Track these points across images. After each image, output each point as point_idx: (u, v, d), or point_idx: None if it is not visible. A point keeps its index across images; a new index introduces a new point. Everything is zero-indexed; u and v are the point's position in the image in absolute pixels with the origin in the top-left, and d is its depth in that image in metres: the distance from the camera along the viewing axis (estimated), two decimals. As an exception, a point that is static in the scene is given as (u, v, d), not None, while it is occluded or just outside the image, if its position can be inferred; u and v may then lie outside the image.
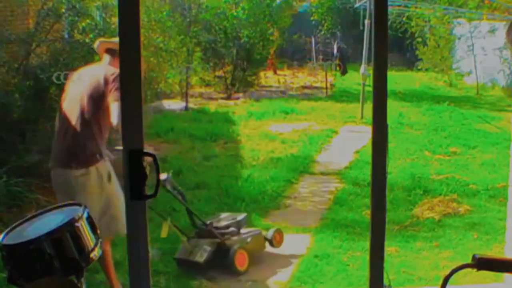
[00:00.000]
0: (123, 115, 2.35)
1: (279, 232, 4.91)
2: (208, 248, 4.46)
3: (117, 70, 3.69)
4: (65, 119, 3.80)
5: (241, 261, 4.56)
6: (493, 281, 3.91)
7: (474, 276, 3.04)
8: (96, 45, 4.08)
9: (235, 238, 4.62)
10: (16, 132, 5.62)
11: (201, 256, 4.42)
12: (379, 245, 2.62)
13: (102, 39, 4.24)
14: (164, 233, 4.39)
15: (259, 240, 4.79)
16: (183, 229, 4.70)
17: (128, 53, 2.30)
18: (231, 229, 4.65)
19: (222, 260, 4.48)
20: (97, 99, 3.74)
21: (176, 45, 8.25)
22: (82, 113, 3.74)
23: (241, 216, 4.81)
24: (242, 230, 4.74)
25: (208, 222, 4.65)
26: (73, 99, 3.82)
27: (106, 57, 3.93)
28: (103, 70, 3.84)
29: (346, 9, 15.36)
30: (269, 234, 4.83)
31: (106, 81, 3.75)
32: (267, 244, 4.83)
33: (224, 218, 4.78)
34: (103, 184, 3.78)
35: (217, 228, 4.61)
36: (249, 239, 4.68)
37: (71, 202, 2.45)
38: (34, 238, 2.15)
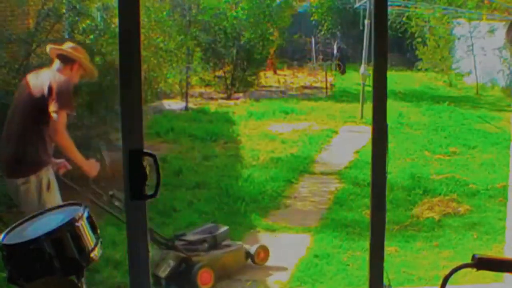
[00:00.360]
0: (123, 115, 2.34)
1: (264, 248, 4.69)
2: (172, 263, 4.21)
3: (64, 79, 3.62)
4: (8, 126, 3.69)
5: (205, 279, 4.29)
6: (493, 281, 3.91)
7: (474, 276, 3.04)
8: (48, 49, 3.90)
9: (204, 254, 4.37)
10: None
11: (164, 271, 4.17)
12: (379, 245, 2.62)
13: (52, 45, 3.93)
14: None
15: (237, 256, 4.56)
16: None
17: (128, 53, 2.30)
18: (204, 244, 4.41)
19: (185, 276, 4.23)
20: (40, 106, 3.57)
21: (176, 45, 8.25)
22: (23, 120, 3.60)
23: (221, 229, 4.56)
24: (225, 242, 4.55)
25: (178, 234, 4.45)
26: (17, 105, 3.71)
27: (56, 63, 3.73)
28: (49, 77, 3.66)
29: (346, 9, 15.36)
30: (252, 249, 4.62)
31: (49, 90, 3.56)
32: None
33: (203, 231, 4.55)
34: (42, 193, 3.59)
35: (189, 242, 4.40)
36: (222, 255, 4.45)
37: (71, 202, 2.45)
38: (34, 238, 2.16)
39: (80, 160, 3.85)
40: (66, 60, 3.71)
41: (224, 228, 4.60)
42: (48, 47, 3.92)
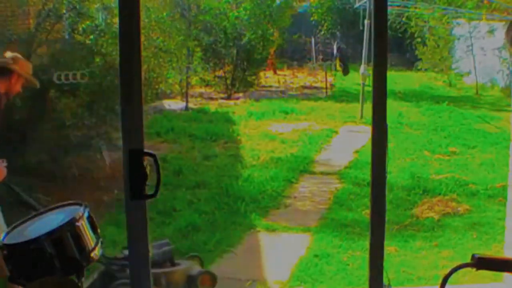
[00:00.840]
0: (123, 115, 2.36)
1: (210, 275, 4.15)
2: (96, 275, 3.89)
3: None
4: None
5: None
6: (492, 281, 3.90)
7: (474, 275, 3.05)
8: None
9: (123, 273, 3.81)
10: (17, 132, 5.62)
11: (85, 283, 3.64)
12: (379, 245, 2.63)
13: None
14: None
15: (176, 277, 4.07)
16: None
17: (129, 54, 2.31)
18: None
19: None
20: None
21: (176, 45, 8.25)
22: None
23: (165, 248, 4.12)
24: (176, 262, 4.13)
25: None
26: None
27: None
28: None
29: (345, 9, 15.36)
30: (195, 273, 4.09)
31: None
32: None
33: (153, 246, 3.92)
34: None
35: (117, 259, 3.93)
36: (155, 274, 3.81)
37: (71, 201, 2.46)
38: (35, 238, 2.18)
39: None
40: (3, 71, 3.55)
41: (167, 248, 4.15)
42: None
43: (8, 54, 3.71)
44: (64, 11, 6.08)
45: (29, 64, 3.77)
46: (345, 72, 13.31)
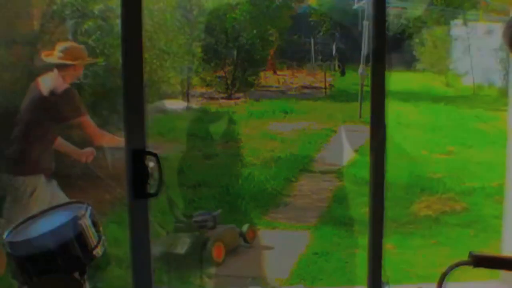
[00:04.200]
0: (126, 116, 2.38)
1: (252, 228, 5.18)
2: (187, 240, 4.67)
3: (65, 90, 3.72)
4: (16, 123, 3.83)
5: (218, 252, 4.78)
6: (490, 278, 3.92)
7: (471, 273, 3.10)
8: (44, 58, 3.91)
9: (212, 231, 4.84)
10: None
11: (181, 248, 4.62)
12: (377, 243, 2.66)
13: (44, 54, 3.95)
14: None
15: (233, 235, 5.03)
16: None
17: (131, 55, 2.34)
18: (209, 223, 4.88)
19: (200, 252, 4.68)
20: (46, 113, 3.73)
21: (178, 47, 8.29)
22: (28, 122, 3.79)
23: (216, 212, 5.03)
24: (219, 225, 4.95)
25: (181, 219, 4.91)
26: (26, 107, 3.84)
27: (55, 69, 3.79)
28: (53, 85, 3.74)
29: (344, 10, 15.38)
30: (244, 229, 5.11)
31: (59, 101, 3.72)
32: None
33: (200, 214, 5.01)
34: (23, 198, 3.62)
35: (196, 222, 4.87)
36: (224, 233, 4.94)
37: (74, 200, 2.47)
38: (38, 236, 2.19)
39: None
40: (61, 66, 3.74)
41: (218, 211, 5.06)
42: (43, 55, 3.93)
43: (60, 46, 3.86)
44: (68, 12, 6.10)
45: (81, 47, 3.96)
46: (342, 73, 13.35)
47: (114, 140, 4.03)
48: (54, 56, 3.81)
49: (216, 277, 4.65)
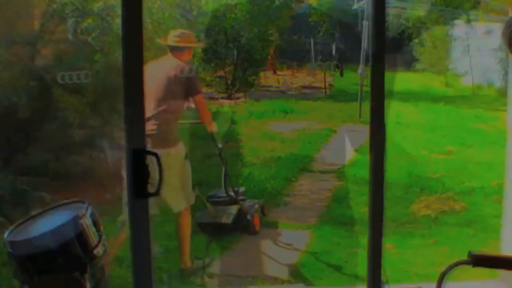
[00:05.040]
0: (126, 115, 2.40)
1: (266, 204, 5.82)
2: (232, 212, 5.26)
3: (188, 68, 4.49)
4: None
5: (256, 222, 5.39)
6: (489, 277, 3.94)
7: (471, 272, 3.10)
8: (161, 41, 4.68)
9: (248, 204, 5.45)
10: (22, 131, 5.67)
11: (227, 218, 5.23)
12: (377, 242, 2.68)
13: (162, 38, 4.79)
14: None
15: (258, 208, 5.60)
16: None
17: (131, 54, 2.36)
18: (239, 197, 5.42)
19: (241, 222, 5.29)
20: (174, 92, 4.35)
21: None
22: (164, 101, 4.33)
23: (242, 188, 5.61)
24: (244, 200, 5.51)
25: (213, 194, 5.50)
26: (155, 87, 4.33)
27: (170, 53, 4.48)
28: (175, 66, 4.43)
29: (344, 11, 15.38)
30: (261, 203, 5.70)
31: (183, 80, 4.38)
32: None
33: (224, 191, 5.43)
34: (182, 163, 4.41)
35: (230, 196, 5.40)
36: (254, 205, 5.51)
37: (74, 200, 2.48)
38: (39, 235, 2.21)
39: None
40: (177, 49, 4.41)
41: (241, 189, 5.61)
42: (158, 40, 4.85)
43: (174, 32, 4.56)
44: (68, 11, 6.11)
45: (191, 33, 4.79)
46: (341, 74, 13.37)
47: (211, 122, 4.83)
48: (170, 41, 4.48)
49: (216, 276, 4.65)
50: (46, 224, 2.27)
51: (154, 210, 3.45)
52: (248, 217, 5.34)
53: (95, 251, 2.26)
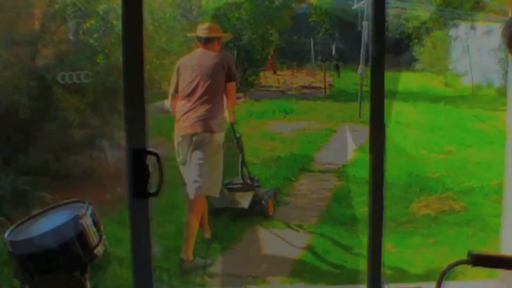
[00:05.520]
0: (127, 115, 2.40)
1: (278, 191, 6.25)
2: (248, 197, 5.59)
3: (230, 57, 5.19)
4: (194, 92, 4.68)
5: (270, 207, 5.75)
6: (488, 277, 3.97)
7: (470, 271, 3.11)
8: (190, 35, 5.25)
9: (262, 191, 5.82)
10: (23, 131, 5.68)
11: (244, 203, 5.58)
12: (377, 242, 2.68)
13: (192, 32, 5.13)
14: None
15: (272, 195, 5.97)
16: None
17: (132, 54, 2.36)
18: (254, 183, 5.77)
19: (257, 207, 5.64)
20: (219, 79, 4.69)
21: (178, 46, 8.30)
22: (210, 89, 4.65)
23: (256, 177, 5.98)
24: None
25: (228, 182, 5.71)
26: (199, 77, 4.70)
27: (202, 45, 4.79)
28: (218, 56, 4.79)
29: (344, 11, 15.40)
30: (276, 189, 6.19)
31: (225, 67, 4.70)
32: None
33: (238, 179, 5.75)
34: (220, 150, 4.69)
35: (245, 183, 5.72)
36: (270, 193, 5.88)
37: (75, 199, 2.48)
38: (39, 235, 2.20)
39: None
40: (208, 40, 4.72)
41: (256, 177, 5.97)
42: (188, 34, 5.52)
43: (202, 25, 4.85)
44: (69, 12, 6.13)
45: (217, 25, 5.15)
46: (338, 74, 13.39)
47: (233, 112, 5.05)
48: (199, 33, 4.77)
49: (216, 276, 4.66)
50: (47, 224, 2.27)
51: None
52: (263, 202, 5.65)
53: (95, 251, 2.26)
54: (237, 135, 5.58)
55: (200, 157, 4.58)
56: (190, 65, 4.72)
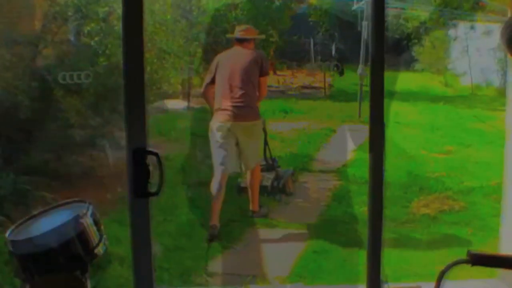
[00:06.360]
0: (127, 115, 2.41)
1: (295, 171, 6.87)
2: (270, 176, 6.14)
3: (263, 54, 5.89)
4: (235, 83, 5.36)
5: (290, 185, 6.35)
6: (488, 276, 3.98)
7: (470, 271, 3.12)
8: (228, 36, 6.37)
9: (281, 171, 6.39)
10: (23, 131, 5.69)
11: (267, 181, 6.08)
12: (376, 241, 2.69)
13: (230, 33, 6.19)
14: None
15: (291, 174, 6.58)
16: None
17: (132, 55, 2.38)
18: (275, 164, 6.31)
19: (278, 185, 6.19)
20: (255, 73, 5.41)
21: (178, 47, 8.33)
22: (248, 82, 5.36)
23: (275, 159, 6.41)
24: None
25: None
26: (235, 71, 5.39)
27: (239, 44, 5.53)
28: (254, 54, 5.54)
29: (344, 11, 15.40)
30: (291, 171, 6.69)
31: (260, 62, 5.45)
32: None
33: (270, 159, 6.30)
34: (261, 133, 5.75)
35: (268, 163, 6.25)
36: (289, 173, 6.49)
37: (75, 199, 2.50)
38: (40, 234, 2.22)
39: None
40: (244, 40, 5.46)
41: (276, 161, 6.42)
42: (228, 35, 6.60)
43: (239, 28, 5.66)
44: (70, 13, 6.14)
45: (252, 27, 5.83)
46: (341, 73, 13.37)
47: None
48: (237, 34, 5.53)
49: (216, 275, 4.67)
50: (47, 223, 2.28)
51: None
52: (283, 181, 6.24)
53: (96, 250, 2.27)
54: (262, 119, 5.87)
55: (247, 140, 5.42)
56: (229, 60, 5.39)
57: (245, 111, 5.31)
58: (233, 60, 5.37)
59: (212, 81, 5.43)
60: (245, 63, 5.33)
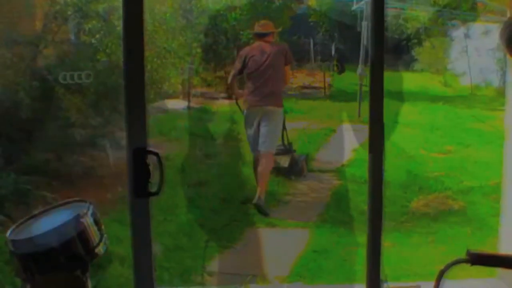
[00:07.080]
0: (127, 115, 2.41)
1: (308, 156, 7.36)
2: (288, 158, 6.71)
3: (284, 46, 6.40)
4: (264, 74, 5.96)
5: (304, 168, 6.94)
6: (487, 276, 3.98)
7: (469, 270, 3.13)
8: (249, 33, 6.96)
9: (296, 155, 6.91)
10: (24, 131, 5.69)
11: (284, 163, 6.66)
12: (376, 241, 2.69)
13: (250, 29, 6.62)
14: None
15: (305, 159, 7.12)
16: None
17: (132, 54, 2.38)
18: (291, 147, 6.79)
19: (294, 167, 6.77)
20: (282, 63, 6.04)
21: (179, 46, 8.34)
22: (276, 72, 5.96)
23: (291, 144, 6.86)
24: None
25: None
26: (266, 64, 5.98)
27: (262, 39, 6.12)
28: (278, 46, 6.27)
29: (343, 11, 15.39)
30: (305, 156, 7.27)
31: (286, 53, 6.11)
32: None
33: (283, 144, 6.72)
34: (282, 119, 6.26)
35: (284, 147, 6.72)
36: (303, 157, 7.06)
37: (76, 199, 2.48)
38: (40, 234, 2.19)
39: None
40: (263, 35, 6.05)
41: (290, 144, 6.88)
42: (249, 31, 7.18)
43: (258, 24, 6.24)
44: (70, 12, 6.15)
45: (270, 22, 6.46)
46: (341, 71, 13.35)
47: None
48: (256, 29, 6.14)
49: (216, 274, 4.68)
50: (48, 223, 2.26)
51: None
52: (299, 163, 6.85)
53: (96, 250, 2.25)
54: None
55: (266, 124, 5.90)
56: (256, 53, 5.95)
57: (273, 98, 5.89)
58: (261, 53, 5.92)
59: (240, 73, 6.03)
60: (273, 55, 5.89)
